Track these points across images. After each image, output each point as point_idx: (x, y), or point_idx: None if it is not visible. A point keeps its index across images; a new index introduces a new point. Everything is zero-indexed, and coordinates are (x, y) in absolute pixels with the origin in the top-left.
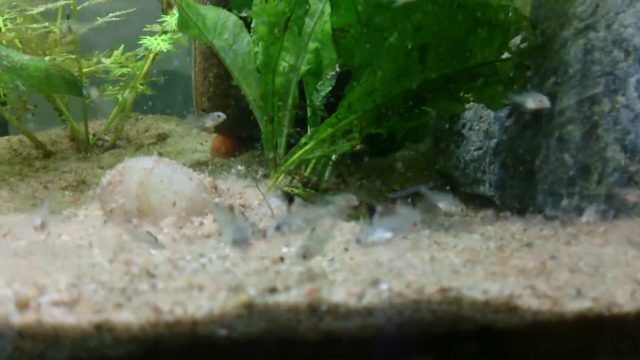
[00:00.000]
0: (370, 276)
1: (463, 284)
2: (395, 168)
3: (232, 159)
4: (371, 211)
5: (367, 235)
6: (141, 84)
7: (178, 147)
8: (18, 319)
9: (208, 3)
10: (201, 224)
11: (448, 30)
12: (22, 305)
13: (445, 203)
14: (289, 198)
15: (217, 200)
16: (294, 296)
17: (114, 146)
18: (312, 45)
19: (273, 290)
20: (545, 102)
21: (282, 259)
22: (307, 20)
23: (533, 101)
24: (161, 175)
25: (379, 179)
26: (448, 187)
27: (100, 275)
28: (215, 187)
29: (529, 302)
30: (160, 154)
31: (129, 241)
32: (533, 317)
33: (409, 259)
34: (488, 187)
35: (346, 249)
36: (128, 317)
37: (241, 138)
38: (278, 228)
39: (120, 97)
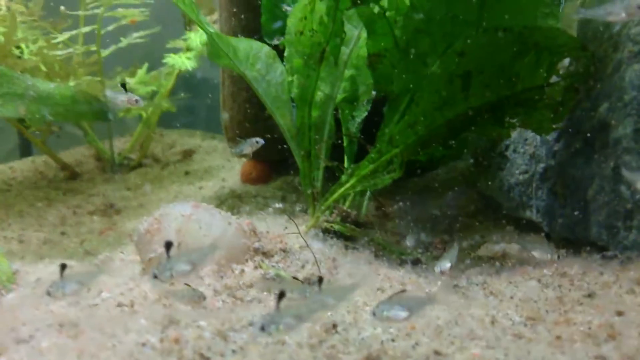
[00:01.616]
0: (431, 349)
1: (532, 359)
2: (434, 189)
3: (265, 185)
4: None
5: (382, 310)
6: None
7: (205, 165)
8: None
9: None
10: (242, 272)
11: (493, 55)
12: None
13: (539, 251)
14: (279, 294)
15: (256, 245)
16: None
17: (139, 165)
18: (347, 72)
19: None
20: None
21: (334, 327)
22: (343, 48)
23: None
24: (199, 221)
25: (419, 204)
26: (543, 234)
27: None
28: (254, 231)
29: None
30: (187, 173)
31: (173, 303)
32: None
33: (468, 323)
34: (535, 212)
35: None
36: None
37: (273, 162)
38: (263, 328)
39: (144, 114)
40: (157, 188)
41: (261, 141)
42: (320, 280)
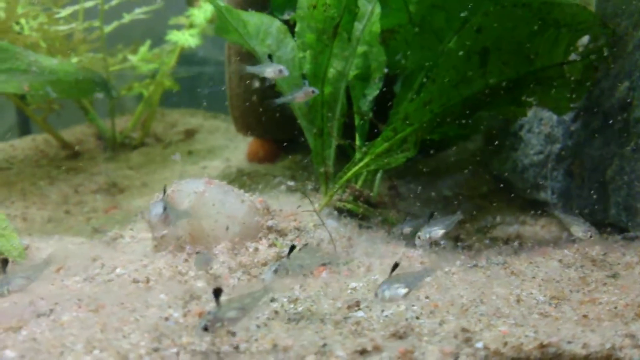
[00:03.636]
0: (459, 327)
1: (562, 337)
2: (445, 170)
3: (272, 164)
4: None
5: (383, 291)
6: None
7: (208, 144)
8: None
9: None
10: (256, 250)
11: (511, 31)
12: None
13: (578, 229)
14: (216, 291)
15: (270, 223)
16: (385, 359)
17: (141, 144)
18: (360, 49)
19: (363, 353)
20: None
21: (358, 304)
22: (355, 23)
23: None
24: (213, 198)
25: (430, 185)
26: (577, 211)
27: (180, 336)
28: (268, 209)
29: (631, 354)
30: (190, 152)
31: (189, 279)
32: None
33: (493, 301)
34: (550, 194)
35: None
36: None
37: (280, 141)
38: (206, 328)
39: (145, 92)
40: (160, 168)
41: (316, 90)
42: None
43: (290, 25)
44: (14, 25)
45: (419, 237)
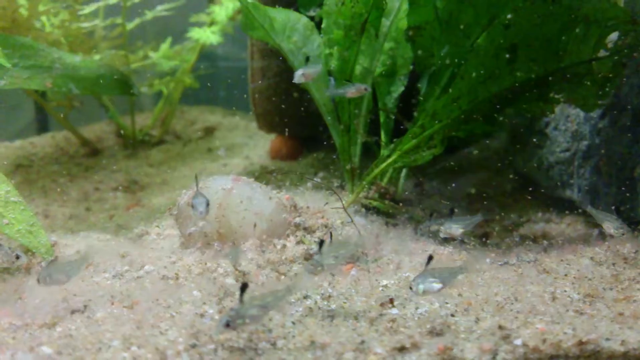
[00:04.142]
0: (495, 324)
1: (600, 334)
2: (469, 168)
3: (295, 162)
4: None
5: (417, 284)
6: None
7: (227, 142)
8: None
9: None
10: (284, 247)
11: (540, 28)
12: None
13: (610, 225)
14: (242, 286)
15: (297, 220)
16: (424, 356)
17: (161, 141)
18: (386, 45)
19: (402, 349)
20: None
21: (392, 302)
22: (383, 20)
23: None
24: (240, 195)
25: (455, 183)
26: (614, 208)
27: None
28: (295, 206)
29: None
30: (209, 150)
31: (218, 277)
32: None
33: (528, 299)
34: (576, 192)
35: None
36: None
37: (303, 139)
38: (228, 325)
39: (165, 89)
40: (180, 165)
41: (369, 88)
42: (322, 242)
43: (317, 22)
44: (35, 23)
45: (440, 232)
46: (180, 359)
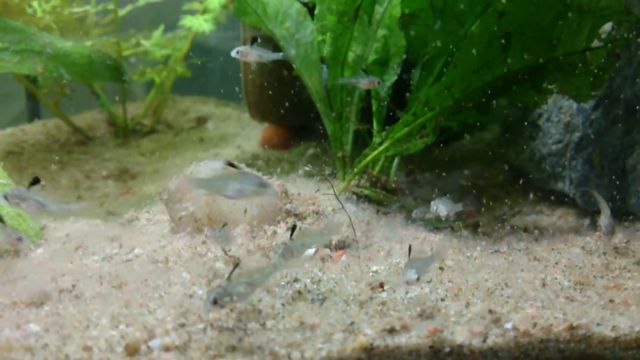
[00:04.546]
0: (485, 308)
1: (591, 319)
2: (461, 160)
3: (287, 150)
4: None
5: (404, 274)
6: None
7: (220, 132)
8: None
9: None
10: (274, 233)
11: (534, 16)
12: (132, 350)
13: (604, 220)
14: (235, 264)
15: (288, 207)
16: (414, 338)
17: (152, 131)
18: (379, 32)
19: (392, 331)
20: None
21: (382, 286)
22: (376, 6)
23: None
24: None
25: (446, 174)
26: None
27: (207, 312)
28: (286, 192)
29: None
30: (201, 140)
31: (207, 261)
32: None
33: (519, 285)
34: (568, 184)
35: (441, 268)
36: None
37: (294, 128)
38: (215, 301)
39: (157, 79)
40: (171, 155)
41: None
42: (294, 228)
43: (310, 8)
44: (26, 8)
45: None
46: (168, 337)
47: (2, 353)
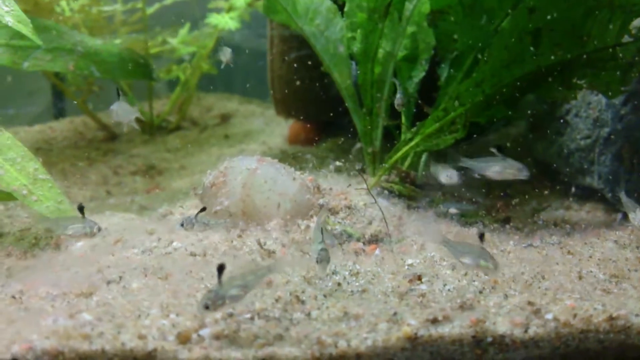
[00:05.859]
0: (524, 300)
1: (630, 310)
2: (487, 155)
3: (313, 147)
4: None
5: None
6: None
7: (244, 128)
8: (185, 355)
9: None
10: (307, 227)
11: (565, 12)
12: (184, 338)
13: (635, 217)
14: (219, 267)
15: (321, 201)
16: (457, 328)
17: (178, 127)
18: (408, 29)
19: (435, 322)
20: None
21: (419, 278)
22: (406, 3)
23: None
24: (265, 175)
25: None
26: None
27: (252, 302)
28: (318, 187)
29: None
30: (226, 136)
31: (245, 253)
32: None
33: (555, 277)
34: (597, 179)
35: None
36: (292, 350)
37: (321, 124)
38: (207, 307)
39: (182, 76)
40: (197, 151)
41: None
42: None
43: (339, 5)
44: (55, 7)
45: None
46: (218, 326)
47: (61, 341)
